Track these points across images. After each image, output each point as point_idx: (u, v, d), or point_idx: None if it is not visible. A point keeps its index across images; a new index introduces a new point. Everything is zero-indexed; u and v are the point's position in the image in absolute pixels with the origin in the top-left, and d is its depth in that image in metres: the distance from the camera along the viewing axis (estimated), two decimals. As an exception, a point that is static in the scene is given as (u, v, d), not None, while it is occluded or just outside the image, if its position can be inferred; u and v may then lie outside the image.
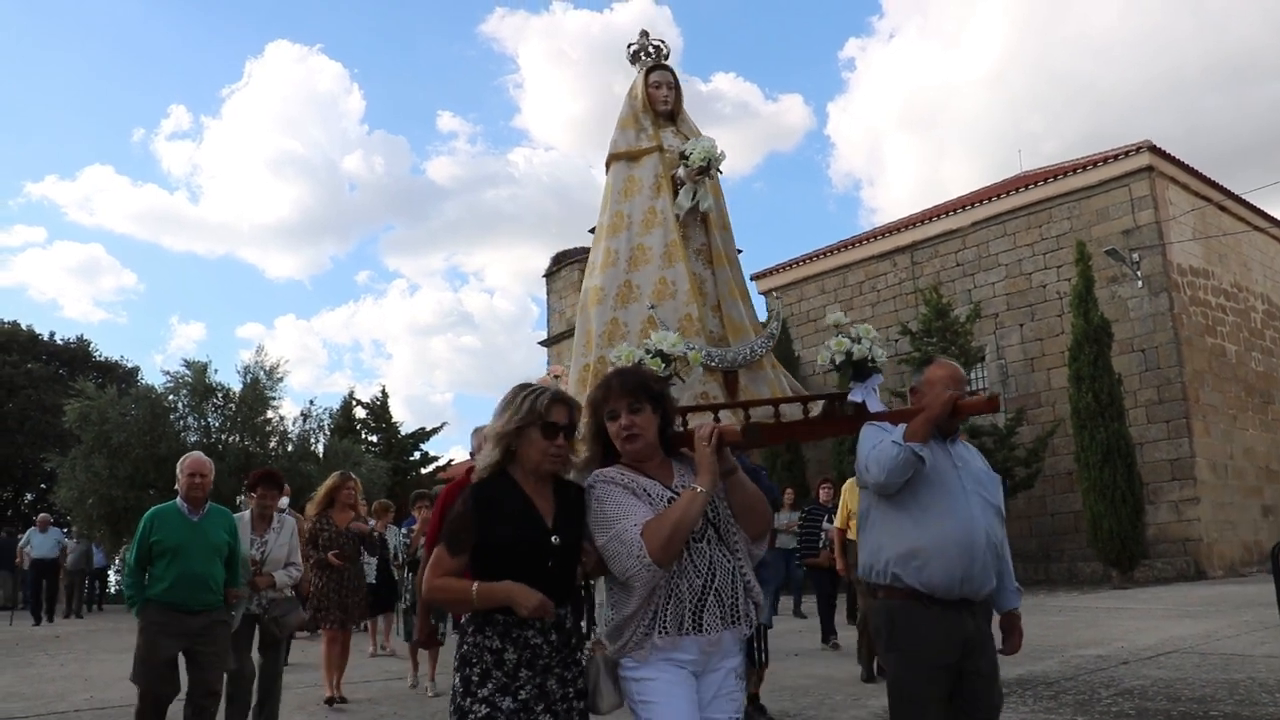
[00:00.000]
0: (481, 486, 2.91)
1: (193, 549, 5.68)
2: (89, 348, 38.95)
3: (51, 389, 31.79)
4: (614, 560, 2.78)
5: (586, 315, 5.82)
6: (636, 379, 3.04)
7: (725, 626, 2.83)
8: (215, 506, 5.99)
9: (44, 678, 10.36)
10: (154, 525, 5.71)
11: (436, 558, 2.83)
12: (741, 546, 2.94)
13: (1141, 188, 20.61)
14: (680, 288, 5.47)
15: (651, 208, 5.71)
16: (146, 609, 5.66)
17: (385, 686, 9.16)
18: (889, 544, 3.59)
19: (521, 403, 2.94)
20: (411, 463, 29.84)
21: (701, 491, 2.76)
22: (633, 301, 5.54)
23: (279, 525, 6.76)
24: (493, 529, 2.80)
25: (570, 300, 34.17)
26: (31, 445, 31.36)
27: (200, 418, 22.27)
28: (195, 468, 5.86)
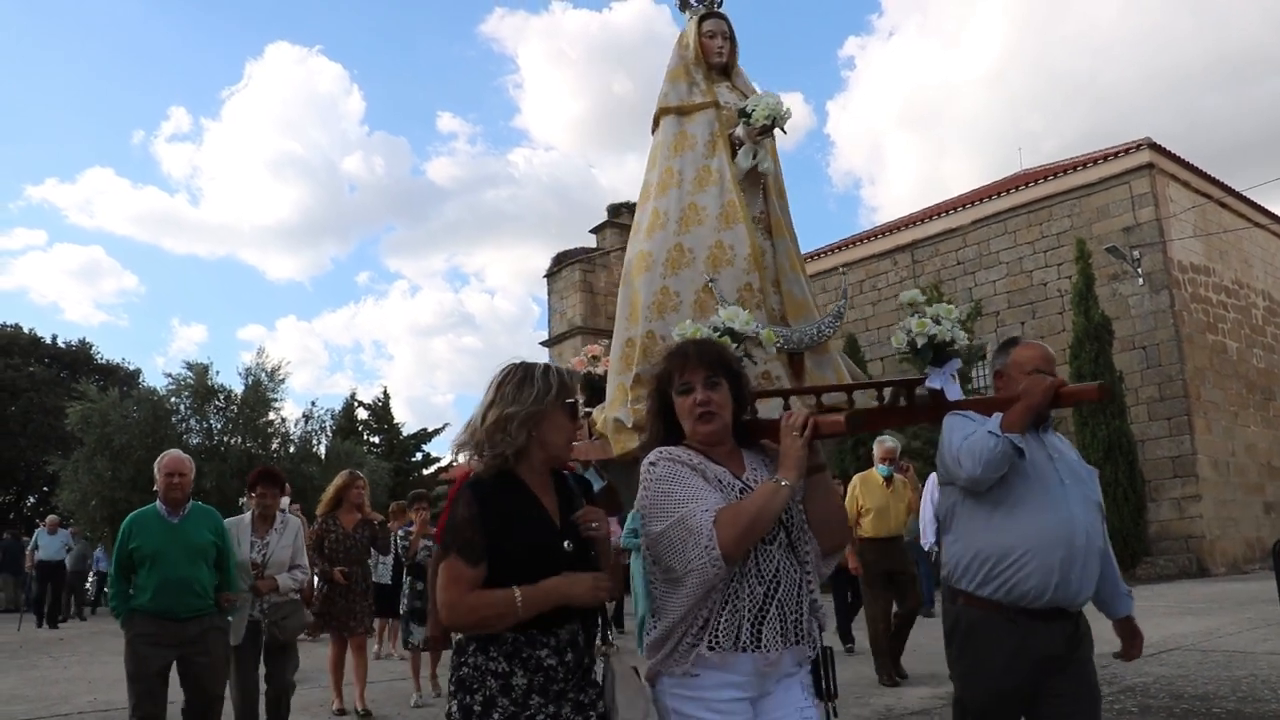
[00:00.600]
0: (482, 484, 2.53)
1: (173, 553, 5.33)
2: (90, 350, 38.96)
3: (53, 392, 31.79)
4: (673, 550, 2.40)
5: (631, 284, 5.21)
6: (716, 350, 2.71)
7: (786, 645, 2.46)
8: (198, 505, 5.65)
9: (47, 680, 10.38)
10: (132, 531, 5.40)
11: (453, 573, 2.41)
12: (812, 559, 2.56)
13: (1142, 185, 20.61)
14: (739, 253, 4.88)
15: (705, 166, 5.14)
16: (132, 620, 5.34)
17: (388, 687, 9.16)
18: (977, 545, 3.28)
19: (544, 378, 2.58)
20: (413, 464, 29.88)
21: (785, 485, 2.41)
22: (685, 267, 4.96)
23: (281, 526, 6.42)
24: (504, 534, 2.45)
25: (571, 300, 34.18)
26: (34, 448, 31.40)
27: (202, 420, 22.29)
28: (173, 466, 5.50)
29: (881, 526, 8.44)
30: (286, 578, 6.27)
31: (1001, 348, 3.68)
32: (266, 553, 6.23)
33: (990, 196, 23.45)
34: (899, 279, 24.60)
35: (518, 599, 2.38)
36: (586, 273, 34.12)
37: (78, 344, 38.93)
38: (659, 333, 4.86)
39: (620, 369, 5.05)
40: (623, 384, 4.99)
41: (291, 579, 6.32)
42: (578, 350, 34.02)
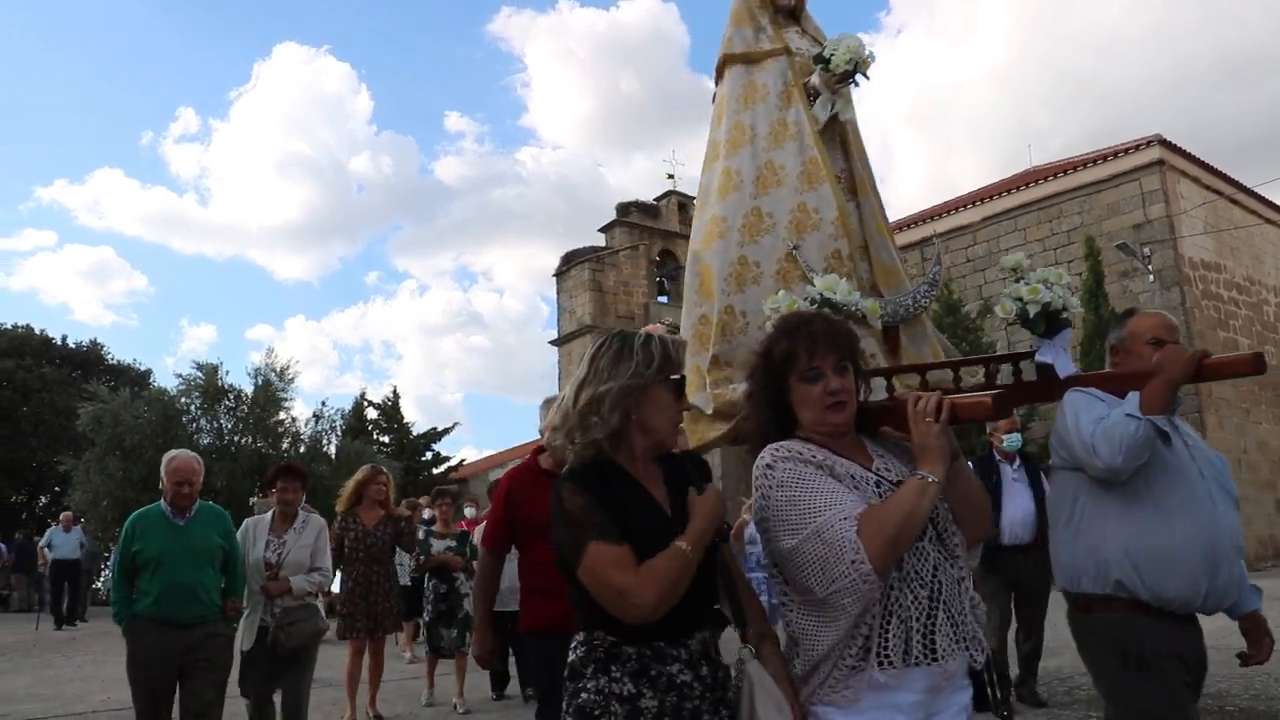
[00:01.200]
0: (586, 475, 2.23)
1: (178, 557, 5.08)
2: (101, 351, 39.09)
3: (65, 392, 31.91)
4: (811, 569, 2.09)
5: (701, 255, 4.71)
6: (845, 332, 2.35)
7: (959, 652, 2.16)
8: (206, 506, 5.37)
9: (61, 679, 10.42)
10: (135, 532, 5.15)
11: (608, 559, 2.10)
12: (961, 553, 2.28)
13: (1152, 182, 20.54)
14: (825, 216, 4.34)
15: (781, 119, 4.61)
16: (134, 624, 5.11)
17: (398, 686, 9.17)
18: (1112, 545, 2.93)
19: (644, 349, 2.27)
20: (423, 463, 29.88)
21: (933, 481, 2.12)
22: (764, 234, 4.45)
23: (302, 525, 6.02)
24: (630, 518, 2.18)
25: (581, 299, 34.17)
26: (45, 448, 31.50)
27: (212, 420, 22.36)
28: (183, 475, 5.19)
29: None
30: (302, 580, 5.85)
31: (1117, 320, 3.34)
32: (283, 552, 5.87)
33: (1000, 194, 23.40)
34: (909, 277, 24.52)
35: (684, 547, 2.12)
36: (596, 272, 34.13)
37: (88, 345, 39.04)
38: (739, 308, 4.41)
39: (694, 349, 4.54)
40: (698, 366, 4.52)
41: (308, 581, 5.87)
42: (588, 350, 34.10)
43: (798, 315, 2.47)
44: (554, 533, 2.22)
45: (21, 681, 10.31)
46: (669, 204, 36.49)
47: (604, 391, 2.23)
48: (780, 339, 2.35)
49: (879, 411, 2.39)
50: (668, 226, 36.12)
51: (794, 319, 2.40)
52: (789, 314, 2.61)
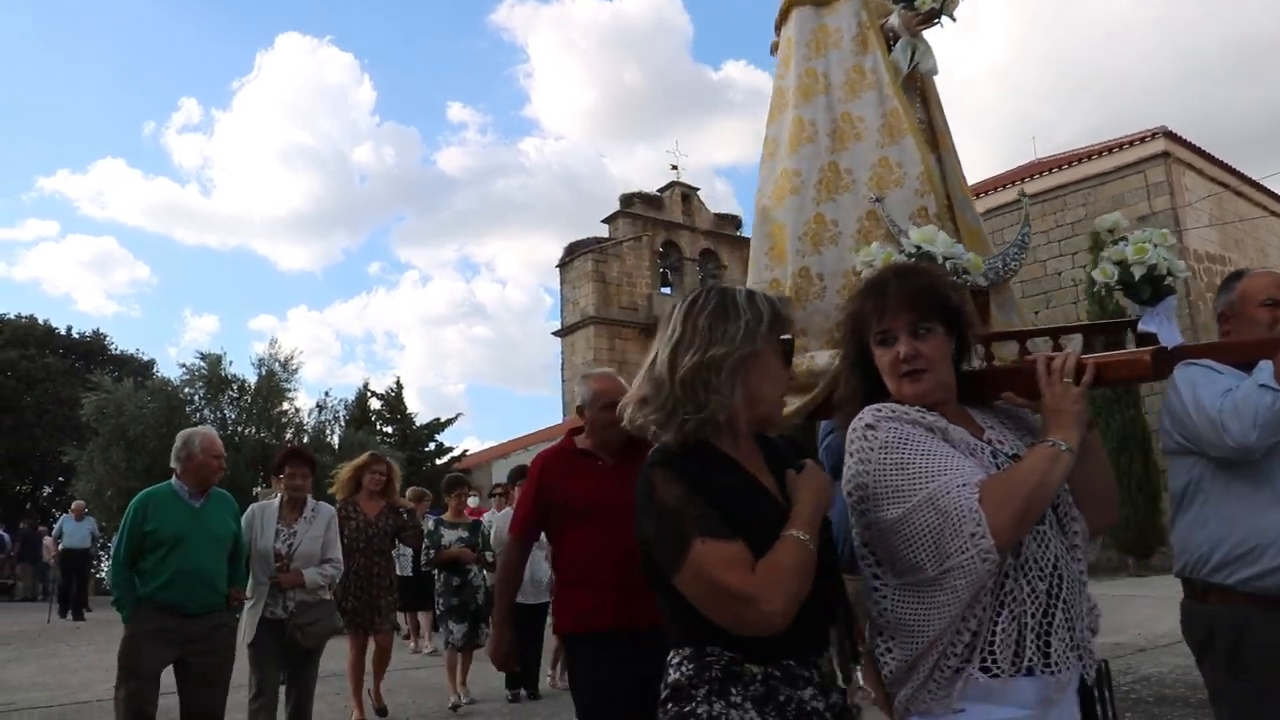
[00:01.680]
0: (677, 458, 1.87)
1: (196, 540, 4.81)
2: (105, 341, 39.11)
3: (68, 382, 31.93)
4: (920, 542, 1.79)
5: (771, 214, 4.26)
6: (925, 284, 2.02)
7: (1073, 661, 1.84)
8: (219, 491, 5.14)
9: (66, 668, 10.45)
10: (148, 512, 4.82)
11: (721, 558, 1.72)
12: (1082, 543, 1.94)
13: (1157, 174, 20.50)
14: (909, 171, 3.97)
15: (857, 66, 4.20)
16: (139, 611, 4.77)
17: (415, 689, 9.15)
18: (1237, 532, 2.69)
19: (750, 305, 1.93)
20: (426, 454, 29.89)
21: (1067, 449, 1.82)
22: (843, 191, 4.04)
23: (312, 514, 5.74)
24: (736, 509, 1.82)
25: (584, 290, 34.17)
26: (49, 438, 31.55)
27: (216, 410, 22.41)
28: (218, 449, 5.04)
29: None
30: (314, 572, 5.57)
31: (1225, 284, 3.07)
32: (294, 543, 5.58)
33: (1004, 185, 23.34)
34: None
35: (801, 536, 1.78)
36: (599, 263, 34.12)
37: (92, 335, 39.06)
38: (815, 270, 4.05)
39: None
40: None
41: (320, 574, 5.60)
42: (590, 342, 34.26)
43: (880, 271, 2.21)
44: (642, 529, 1.87)
45: (27, 671, 10.34)
46: (672, 195, 36.46)
47: (715, 357, 1.86)
48: (855, 299, 2.09)
49: (998, 376, 2.12)
50: (671, 217, 36.10)
51: (874, 277, 2.14)
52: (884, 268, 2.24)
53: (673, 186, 36.59)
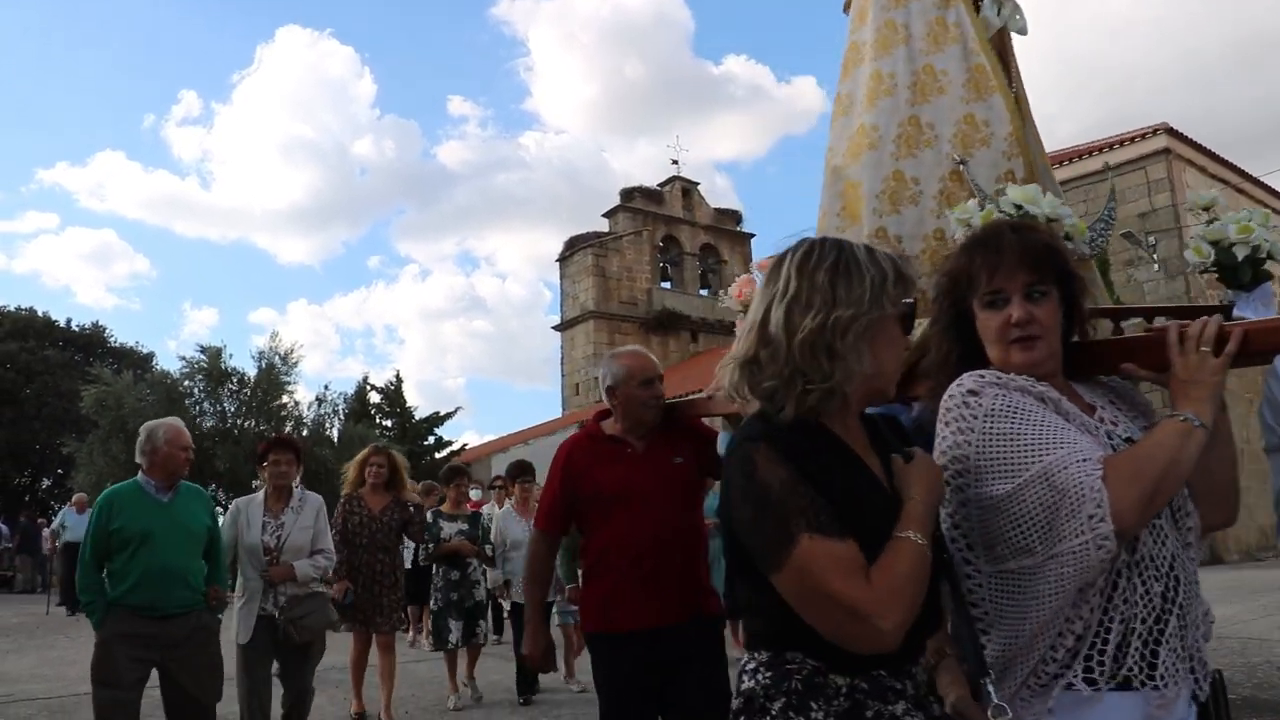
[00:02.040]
0: (789, 435, 1.61)
1: (164, 537, 4.50)
2: (104, 334, 39.12)
3: (68, 375, 31.94)
4: (1033, 523, 1.59)
5: (843, 171, 3.95)
6: (1043, 242, 1.82)
7: (1184, 675, 1.65)
8: (189, 485, 4.83)
9: (65, 660, 10.45)
10: (113, 510, 4.54)
11: (828, 558, 1.48)
12: (1195, 540, 1.77)
13: (1158, 170, 20.47)
14: (996, 131, 3.63)
15: (940, 19, 3.88)
16: (109, 615, 4.47)
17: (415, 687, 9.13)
18: None
19: (872, 262, 1.66)
20: (426, 447, 29.91)
21: (1200, 426, 1.61)
22: (924, 147, 3.74)
23: (299, 503, 5.49)
24: (846, 500, 1.57)
25: (584, 285, 34.14)
26: (48, 431, 31.56)
27: (216, 402, 22.45)
28: (184, 440, 4.73)
29: None
30: (306, 565, 5.34)
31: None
32: (282, 535, 5.35)
33: (1005, 181, 23.30)
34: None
35: (916, 539, 1.54)
36: (599, 257, 34.09)
37: (91, 327, 39.08)
38: (892, 231, 3.77)
39: None
40: None
41: (312, 566, 5.37)
42: (590, 336, 34.21)
43: (994, 225, 1.99)
44: (734, 514, 1.62)
45: (26, 662, 10.34)
46: (673, 189, 36.42)
47: (841, 320, 1.60)
48: (961, 254, 1.88)
49: (1116, 347, 1.88)
50: (671, 212, 36.07)
51: (987, 229, 1.93)
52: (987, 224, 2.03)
53: (673, 181, 36.54)
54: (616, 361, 3.56)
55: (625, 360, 3.56)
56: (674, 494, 3.45)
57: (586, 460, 3.53)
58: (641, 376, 3.48)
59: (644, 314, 34.04)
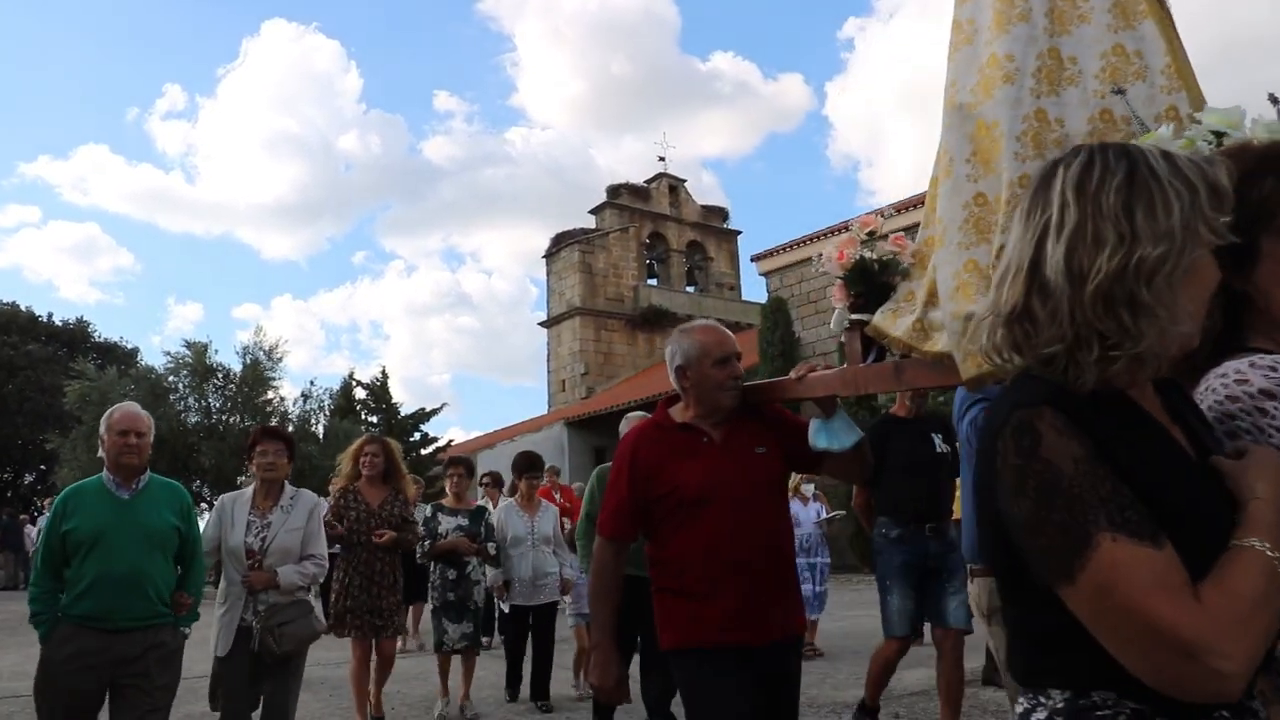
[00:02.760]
0: (1079, 402, 1.22)
1: (120, 538, 3.92)
2: (88, 329, 38.96)
3: (51, 370, 31.83)
4: None
5: (973, 109, 3.41)
6: None
7: None
8: (158, 479, 4.25)
9: (48, 657, 10.39)
10: (67, 508, 4.00)
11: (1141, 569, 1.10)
12: None
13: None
14: (1152, 63, 3.08)
15: None
16: (56, 630, 3.93)
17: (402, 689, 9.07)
18: None
19: (1186, 180, 1.23)
20: (412, 444, 29.84)
21: None
22: (1067, 85, 3.21)
23: (290, 502, 4.91)
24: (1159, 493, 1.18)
25: (570, 281, 34.10)
26: (31, 426, 31.44)
27: (201, 398, 22.35)
28: (128, 423, 4.10)
29: None
30: (292, 570, 4.79)
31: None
32: (268, 536, 4.79)
33: (991, 180, 23.38)
34: (898, 262, 24.51)
35: (1263, 548, 1.14)
36: (585, 253, 34.07)
37: (75, 322, 38.91)
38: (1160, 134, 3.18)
39: (970, 239, 3.15)
40: (974, 261, 3.17)
41: (298, 573, 4.81)
42: (576, 333, 34.22)
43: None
44: (1003, 504, 1.24)
45: (9, 660, 10.26)
46: (659, 186, 36.43)
47: (1148, 261, 1.19)
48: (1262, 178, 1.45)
49: None
50: (658, 209, 36.08)
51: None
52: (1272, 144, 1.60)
53: (660, 178, 36.55)
54: (688, 337, 3.15)
55: (698, 335, 3.14)
56: (762, 491, 3.05)
57: (658, 454, 3.07)
58: (718, 354, 3.07)
59: (630, 311, 34.05)
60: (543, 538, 7.44)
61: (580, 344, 33.42)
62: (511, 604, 7.45)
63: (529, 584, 7.30)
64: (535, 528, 7.46)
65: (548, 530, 7.53)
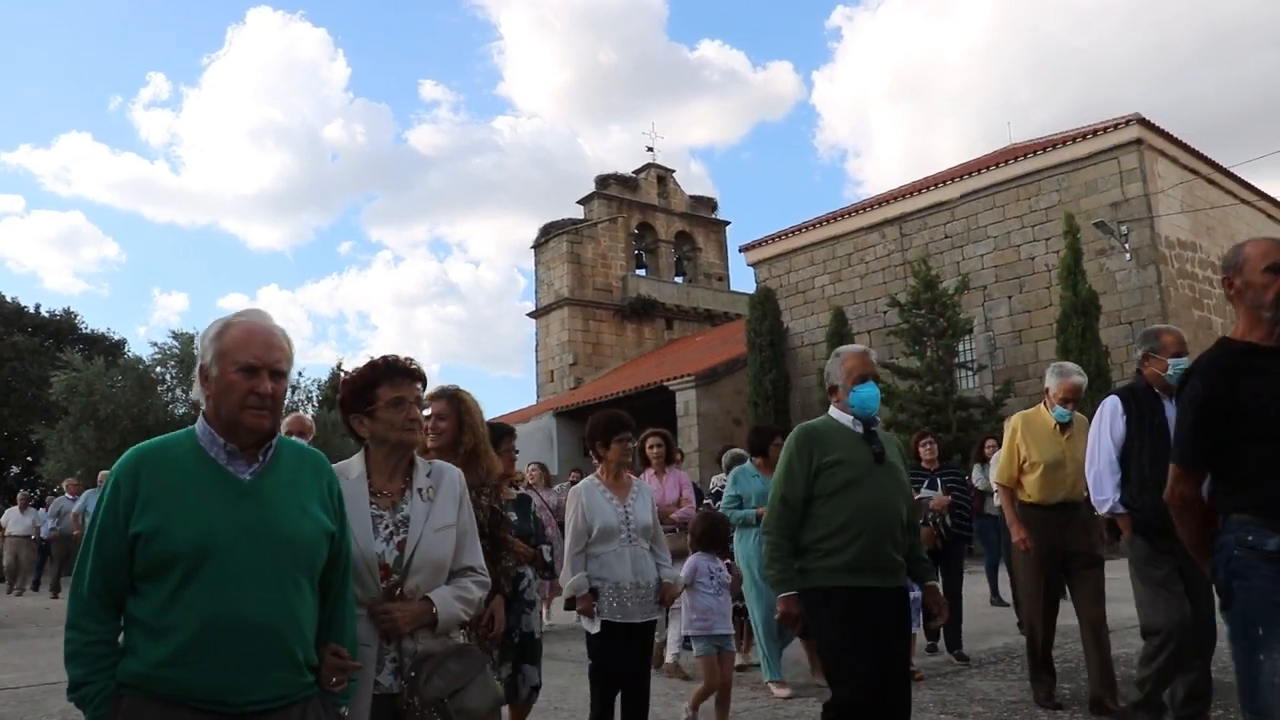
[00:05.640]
0: None
1: (241, 553, 2.22)
2: (75, 320, 38.75)
3: (37, 361, 31.65)
4: None
5: None
6: None
7: None
8: (288, 443, 2.48)
9: (35, 649, 10.36)
10: (138, 493, 2.23)
11: None
12: None
13: (1130, 160, 20.61)
14: None
15: None
16: (122, 704, 2.23)
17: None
18: None
19: None
20: (400, 435, 29.84)
21: None
22: None
23: (431, 483, 2.94)
24: None
25: (558, 271, 34.12)
26: (17, 418, 31.29)
27: (188, 389, 22.25)
28: (261, 348, 2.32)
29: (1054, 488, 6.01)
30: (450, 597, 2.83)
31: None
32: (407, 540, 2.82)
33: (978, 170, 23.41)
34: (887, 252, 24.58)
35: None
36: (574, 244, 34.07)
37: (62, 313, 38.69)
38: None
39: None
40: None
41: (460, 600, 2.86)
42: (565, 323, 34.20)
43: None
44: None
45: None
46: (648, 176, 36.43)
47: None
48: None
49: None
50: (646, 199, 36.09)
51: None
52: None
53: (648, 168, 36.55)
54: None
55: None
56: None
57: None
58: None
59: (619, 301, 34.07)
60: (640, 528, 5.00)
61: (569, 334, 33.43)
62: (603, 620, 4.79)
63: (630, 593, 4.81)
64: (631, 515, 4.99)
65: (646, 518, 5.06)
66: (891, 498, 3.95)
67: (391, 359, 3.02)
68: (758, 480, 6.89)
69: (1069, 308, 18.90)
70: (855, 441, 3.99)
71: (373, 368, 3.00)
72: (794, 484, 3.96)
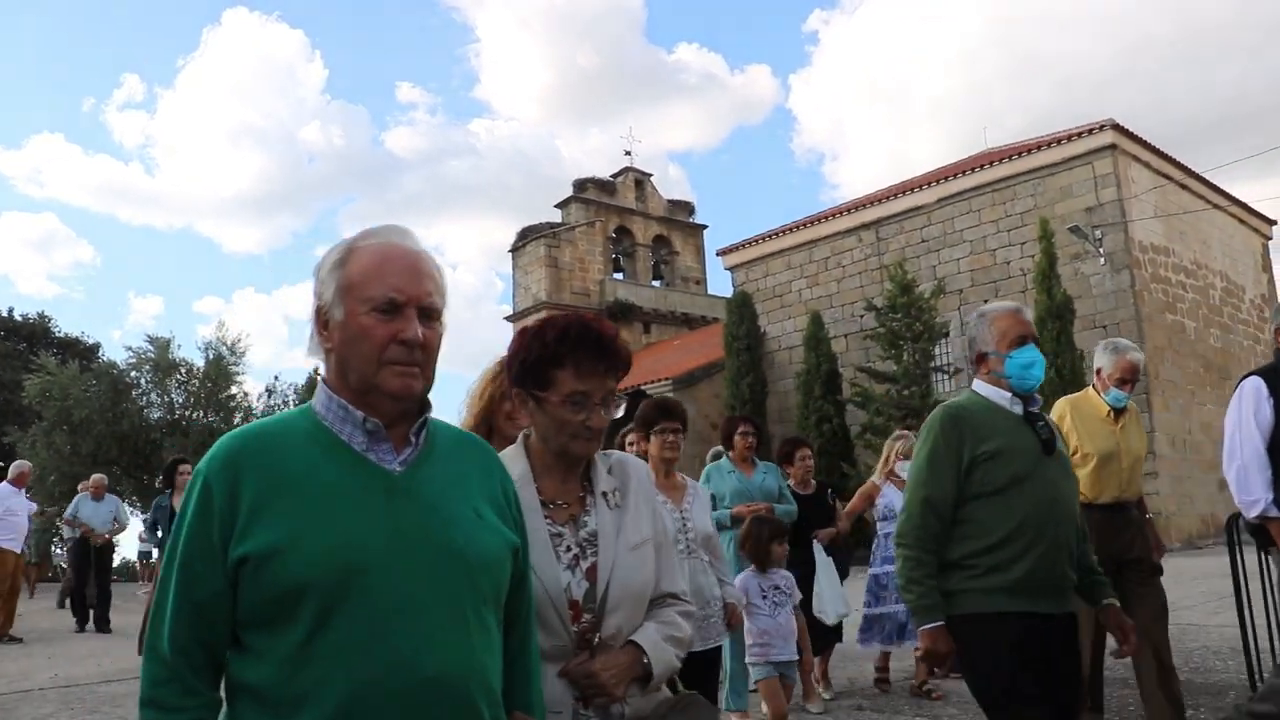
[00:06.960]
0: None
1: (398, 577, 1.48)
2: (49, 324, 38.44)
3: (10, 365, 31.36)
4: None
5: None
6: None
7: None
8: (445, 427, 1.77)
9: (7, 656, 10.29)
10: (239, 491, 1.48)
11: None
12: None
13: (1104, 165, 20.79)
14: None
15: None
16: None
17: None
18: None
19: None
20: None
21: None
22: None
23: (618, 479, 2.19)
24: None
25: (536, 275, 34.06)
26: (-10, 422, 30.97)
27: (163, 394, 22.14)
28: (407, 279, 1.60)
29: (1106, 484, 5.12)
30: (658, 638, 2.05)
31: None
32: (599, 568, 2.04)
33: (954, 175, 23.55)
34: (864, 256, 24.68)
35: None
36: (551, 247, 34.04)
37: (36, 317, 38.38)
38: None
39: None
40: None
41: (671, 641, 2.07)
42: (543, 326, 34.01)
43: None
44: None
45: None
46: (626, 180, 36.45)
47: None
48: None
49: None
50: (624, 203, 36.10)
51: None
52: None
53: (626, 172, 36.57)
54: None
55: None
56: None
57: None
58: None
59: (596, 305, 34.04)
60: (701, 537, 4.24)
61: (547, 338, 33.37)
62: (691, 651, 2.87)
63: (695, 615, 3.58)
64: (689, 522, 4.23)
65: (706, 525, 4.34)
66: (1066, 498, 3.13)
67: (585, 326, 2.16)
68: (733, 477, 6.32)
69: (1044, 312, 19.04)
70: (1016, 425, 3.10)
71: (561, 337, 2.13)
72: (940, 481, 3.06)
